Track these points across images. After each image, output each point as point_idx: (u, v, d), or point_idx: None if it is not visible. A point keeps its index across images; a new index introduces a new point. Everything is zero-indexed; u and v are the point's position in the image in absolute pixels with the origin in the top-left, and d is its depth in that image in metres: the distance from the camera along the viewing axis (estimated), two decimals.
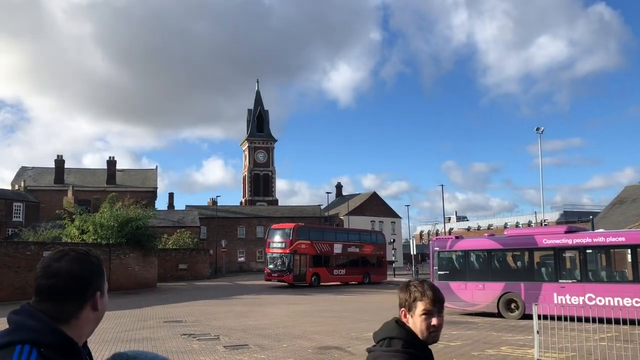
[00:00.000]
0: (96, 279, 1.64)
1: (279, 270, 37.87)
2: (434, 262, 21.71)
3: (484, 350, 12.88)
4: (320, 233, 42.23)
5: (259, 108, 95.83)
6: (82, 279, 1.60)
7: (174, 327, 17.97)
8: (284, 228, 40.14)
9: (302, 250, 38.38)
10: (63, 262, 1.59)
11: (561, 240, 18.62)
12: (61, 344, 1.51)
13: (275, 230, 40.44)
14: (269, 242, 39.70)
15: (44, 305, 1.56)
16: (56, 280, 1.56)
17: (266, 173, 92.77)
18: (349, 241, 43.00)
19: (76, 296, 1.58)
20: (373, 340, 2.41)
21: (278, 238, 38.98)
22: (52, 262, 1.60)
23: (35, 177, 70.60)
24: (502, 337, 14.99)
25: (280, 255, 38.06)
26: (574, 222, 55.67)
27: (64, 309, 1.56)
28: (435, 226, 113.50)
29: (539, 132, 42.95)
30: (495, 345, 13.72)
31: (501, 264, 20.62)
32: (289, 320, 19.64)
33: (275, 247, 38.76)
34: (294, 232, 38.48)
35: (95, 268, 1.65)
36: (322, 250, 40.11)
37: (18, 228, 53.66)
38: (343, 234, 45.20)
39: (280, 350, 13.16)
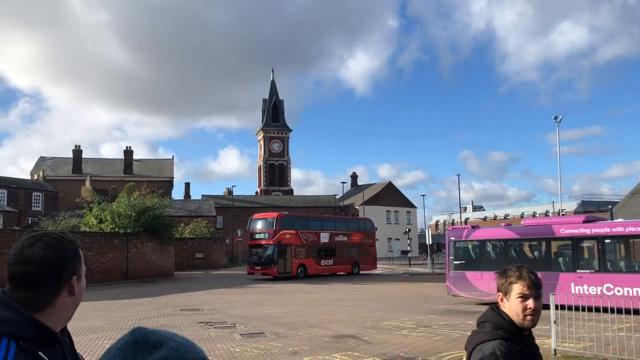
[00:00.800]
0: (72, 264, 1.59)
1: (262, 262, 35.82)
2: (450, 251, 21.63)
3: None
4: (305, 222, 40.07)
5: (274, 98, 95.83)
6: (57, 265, 1.55)
7: (191, 315, 18.17)
8: (267, 217, 38.12)
9: (287, 240, 36.31)
10: (36, 247, 1.54)
11: (579, 230, 18.42)
12: (39, 335, 1.48)
13: (257, 220, 38.30)
14: (251, 233, 37.72)
15: (18, 293, 1.51)
16: (29, 267, 1.52)
17: (281, 163, 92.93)
18: (337, 230, 41.04)
19: (51, 283, 1.54)
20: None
21: (261, 228, 37.07)
22: (25, 248, 1.55)
23: (53, 167, 71.50)
24: None
25: (264, 246, 36.02)
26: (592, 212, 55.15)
27: (38, 297, 1.52)
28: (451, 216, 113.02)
29: (557, 120, 42.40)
30: None
31: (518, 253, 20.49)
32: (304, 308, 19.75)
33: (258, 237, 36.75)
34: (277, 221, 36.37)
35: (70, 253, 1.59)
36: (308, 240, 38.11)
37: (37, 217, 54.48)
38: (330, 222, 42.71)
39: (296, 339, 13.24)
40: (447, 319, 16.78)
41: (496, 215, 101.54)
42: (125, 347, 0.98)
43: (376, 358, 10.82)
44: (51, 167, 71.33)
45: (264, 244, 35.84)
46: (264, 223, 37.07)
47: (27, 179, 67.81)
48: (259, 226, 37.24)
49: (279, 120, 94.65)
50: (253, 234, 37.34)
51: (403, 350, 11.60)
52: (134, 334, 1.01)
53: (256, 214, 40.54)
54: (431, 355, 11.07)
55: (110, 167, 73.87)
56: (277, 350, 11.77)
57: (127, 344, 0.99)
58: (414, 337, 13.30)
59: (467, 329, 14.41)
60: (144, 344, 0.98)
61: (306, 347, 12.10)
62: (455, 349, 11.64)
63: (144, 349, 0.97)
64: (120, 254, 35.17)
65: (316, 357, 11.03)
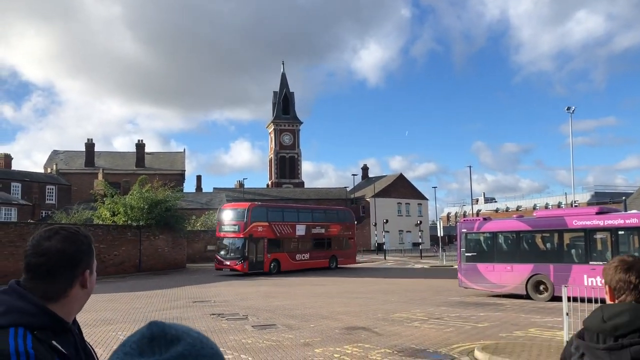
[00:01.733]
0: (86, 258, 1.64)
1: (231, 257, 32.95)
2: (461, 243, 21.57)
3: (512, 332, 12.81)
4: (279, 213, 36.93)
5: (284, 90, 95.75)
6: (72, 258, 1.60)
7: (203, 307, 18.30)
8: (237, 208, 35.03)
9: (259, 233, 33.40)
10: (53, 240, 1.59)
11: (592, 222, 18.27)
12: (53, 325, 1.53)
13: (226, 210, 35.13)
14: (220, 225, 34.62)
15: (34, 284, 1.57)
16: (46, 259, 1.57)
17: (292, 155, 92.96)
18: (314, 221, 38.16)
19: (66, 275, 1.59)
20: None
21: (230, 220, 33.92)
22: (42, 240, 1.60)
23: (66, 161, 72.08)
24: (531, 319, 14.87)
25: (233, 240, 33.06)
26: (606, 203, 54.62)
27: (53, 288, 1.58)
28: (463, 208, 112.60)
29: (569, 111, 41.97)
30: (524, 327, 13.62)
31: (530, 245, 20.38)
32: (315, 300, 19.81)
33: (227, 230, 33.69)
34: (248, 212, 33.32)
35: (85, 247, 1.65)
36: (282, 232, 35.35)
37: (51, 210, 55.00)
38: (307, 213, 39.41)
39: (307, 330, 13.30)
40: (458, 311, 16.76)
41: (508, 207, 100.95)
42: (142, 341, 0.98)
43: (387, 350, 10.84)
44: (64, 161, 71.91)
45: (234, 237, 33.05)
46: (234, 214, 34.12)
47: (41, 173, 68.44)
48: (229, 217, 34.22)
49: (289, 112, 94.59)
50: (222, 225, 34.37)
51: (414, 342, 11.61)
52: (151, 328, 1.00)
53: (226, 204, 38.06)
54: (442, 347, 11.07)
55: (122, 160, 74.34)
56: (288, 342, 11.82)
57: (143, 338, 0.98)
58: (425, 329, 13.30)
59: (479, 321, 14.41)
60: (161, 338, 0.97)
61: (317, 339, 12.15)
62: (466, 341, 11.64)
63: (161, 344, 0.96)
64: (132, 246, 35.47)
65: (327, 348, 11.07)
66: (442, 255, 46.92)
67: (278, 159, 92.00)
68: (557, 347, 10.51)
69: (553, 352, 10.04)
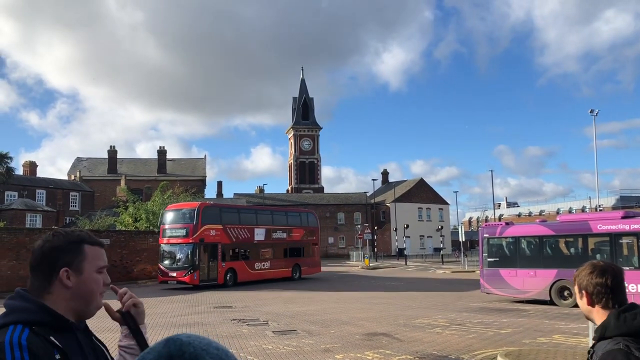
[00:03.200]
0: (63, 256, 1.70)
1: (178, 267, 27.72)
2: (483, 248, 21.33)
3: (536, 338, 12.60)
4: (235, 215, 31.78)
5: (304, 96, 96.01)
6: (47, 255, 1.69)
7: (224, 312, 18.35)
8: (184, 208, 29.70)
9: (212, 238, 28.48)
10: (39, 240, 1.73)
11: (617, 226, 17.93)
12: (50, 320, 1.61)
13: (171, 212, 29.83)
14: (163, 229, 29.24)
15: (29, 282, 1.71)
16: (32, 257, 1.71)
17: (312, 161, 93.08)
18: (274, 224, 33.35)
19: (42, 271, 1.69)
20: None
21: (177, 223, 28.70)
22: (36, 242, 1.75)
23: (89, 168, 73.17)
24: (555, 325, 14.63)
25: (180, 246, 27.91)
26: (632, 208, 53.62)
27: (34, 283, 1.70)
28: (485, 212, 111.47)
29: (593, 114, 41.35)
30: (548, 333, 13.40)
31: (553, 250, 20.07)
32: (336, 306, 19.74)
33: (173, 235, 28.46)
34: (199, 213, 28.28)
35: (64, 245, 1.71)
36: (238, 237, 30.37)
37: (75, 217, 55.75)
38: (266, 215, 34.47)
39: (327, 336, 13.25)
40: (480, 317, 16.55)
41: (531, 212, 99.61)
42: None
43: (408, 356, 10.74)
44: (87, 168, 73.01)
45: (181, 243, 27.92)
46: (181, 216, 28.94)
47: (65, 180, 69.56)
48: (175, 220, 29.00)
49: (309, 118, 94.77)
50: (166, 230, 29.01)
51: (436, 349, 11.49)
52: (168, 346, 0.95)
53: (171, 205, 32.59)
54: (465, 354, 10.93)
55: (144, 167, 75.19)
56: (309, 348, 11.79)
57: (159, 357, 0.94)
58: (447, 335, 13.15)
59: (501, 327, 14.21)
60: (179, 358, 0.93)
61: (338, 345, 12.09)
62: (489, 347, 11.47)
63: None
64: (154, 251, 35.76)
65: (348, 354, 11.01)
66: (463, 260, 46.47)
67: (298, 164, 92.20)
68: (582, 354, 10.30)
69: (578, 359, 9.84)
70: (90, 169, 72.83)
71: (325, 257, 72.57)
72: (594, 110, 41.33)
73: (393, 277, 36.75)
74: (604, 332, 2.18)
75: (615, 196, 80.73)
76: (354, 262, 58.30)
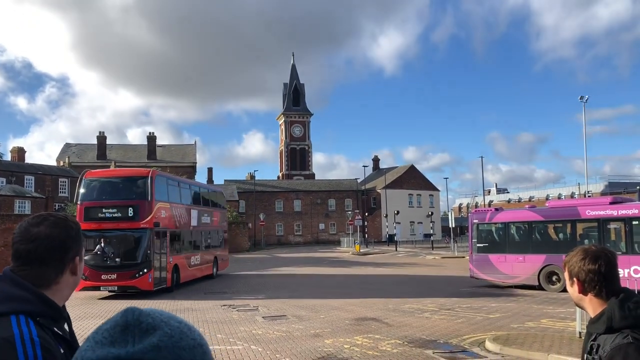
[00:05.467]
0: (75, 244, 1.63)
1: (120, 265, 18.97)
2: (472, 234, 21.43)
3: (524, 323, 12.71)
4: (177, 189, 23.06)
5: (294, 82, 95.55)
6: (63, 243, 1.59)
7: (214, 298, 18.36)
8: (131, 176, 21.53)
9: (163, 222, 20.26)
10: (42, 227, 1.58)
11: (605, 212, 18.05)
12: (51, 313, 1.53)
13: (107, 181, 21.05)
14: (89, 208, 19.55)
15: (24, 271, 1.55)
16: (35, 245, 1.55)
17: (302, 147, 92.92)
18: (202, 205, 26.07)
19: (56, 261, 1.58)
20: None
21: (118, 198, 20.00)
22: (31, 226, 1.58)
23: (78, 154, 72.58)
24: (543, 310, 14.75)
25: (125, 234, 19.37)
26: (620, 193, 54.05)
27: (44, 274, 1.56)
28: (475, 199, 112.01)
29: (583, 100, 41.49)
30: (536, 317, 13.51)
31: (542, 236, 20.20)
32: (326, 292, 19.79)
33: (113, 217, 19.38)
34: (152, 184, 19.77)
35: (74, 233, 1.64)
36: (180, 221, 22.46)
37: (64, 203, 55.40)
38: (196, 190, 26.85)
39: (317, 321, 13.28)
40: (469, 301, 16.66)
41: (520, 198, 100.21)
42: (114, 330, 0.88)
43: (397, 341, 10.79)
44: (76, 154, 72.42)
45: (126, 230, 19.28)
46: (125, 188, 20.51)
47: (54, 166, 68.97)
48: (113, 194, 20.32)
49: (299, 104, 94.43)
50: (95, 210, 19.55)
51: (425, 333, 11.55)
52: (126, 315, 0.90)
53: (100, 171, 24.09)
54: (453, 338, 11.00)
55: (134, 153, 74.70)
56: (298, 333, 11.82)
57: (116, 326, 0.88)
58: (436, 320, 13.23)
59: (490, 312, 14.31)
60: (135, 327, 0.87)
61: (327, 330, 12.13)
62: (477, 332, 11.56)
63: (135, 333, 0.87)
64: None
65: (337, 339, 11.04)
66: (453, 246, 46.74)
67: (288, 150, 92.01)
68: (569, 337, 10.40)
69: (565, 342, 9.93)
70: (80, 155, 72.23)
71: (316, 244, 72.79)
72: (584, 97, 41.46)
73: (383, 262, 36.90)
74: (610, 324, 2.03)
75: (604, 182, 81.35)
76: (344, 248, 58.46)
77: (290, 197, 77.57)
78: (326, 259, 40.90)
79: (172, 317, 0.92)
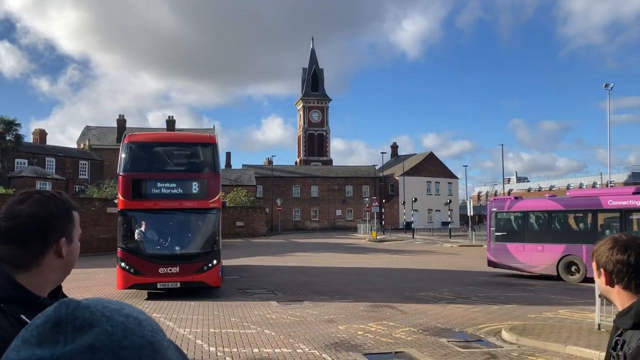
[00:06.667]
0: (61, 224, 1.52)
1: (185, 256, 15.04)
2: (491, 222, 21.17)
3: (541, 313, 12.51)
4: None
5: (313, 67, 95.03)
6: (44, 222, 1.49)
7: (231, 282, 18.40)
8: (193, 143, 17.52)
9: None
10: (25, 204, 1.49)
11: (628, 202, 17.67)
12: (20, 298, 1.41)
13: (164, 148, 16.85)
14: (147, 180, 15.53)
15: (3, 250, 1.46)
16: (16, 223, 1.47)
17: (320, 133, 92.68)
18: None
19: (37, 240, 1.48)
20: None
21: (181, 170, 16.51)
22: (15, 204, 1.50)
23: (98, 137, 73.27)
24: (561, 300, 14.52)
25: (189, 216, 15.61)
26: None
27: (23, 254, 1.47)
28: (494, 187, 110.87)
29: (608, 88, 40.63)
30: (553, 308, 13.30)
31: (562, 225, 19.87)
32: (342, 278, 19.74)
33: (174, 194, 15.34)
34: (216, 153, 16.35)
35: (60, 212, 1.52)
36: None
37: (84, 185, 56.15)
38: None
39: (332, 307, 13.23)
40: (486, 290, 16.48)
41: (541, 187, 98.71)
42: (44, 326, 0.74)
43: (412, 328, 10.69)
44: (96, 137, 73.12)
45: (191, 210, 15.45)
46: (188, 156, 17.14)
47: (74, 148, 69.77)
48: (174, 162, 16.81)
49: (318, 89, 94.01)
50: (155, 182, 15.38)
51: (440, 321, 11.43)
52: (59, 309, 0.75)
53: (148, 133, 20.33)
54: (469, 327, 10.87)
55: None
56: (312, 318, 11.78)
57: (47, 322, 0.74)
58: (452, 309, 13.10)
59: (507, 302, 14.13)
60: (68, 324, 0.73)
61: (342, 316, 12.07)
62: (494, 321, 11.41)
63: (67, 331, 0.72)
64: None
65: (351, 325, 10.98)
66: (471, 234, 46.37)
67: (306, 136, 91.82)
68: (588, 329, 10.20)
69: (584, 334, 9.74)
70: (100, 138, 72.92)
71: (332, 230, 72.82)
72: (609, 85, 40.59)
73: (399, 249, 36.76)
74: (639, 319, 1.88)
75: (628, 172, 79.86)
76: (361, 234, 58.40)
77: (307, 183, 77.60)
78: (342, 245, 40.85)
79: (118, 310, 0.73)
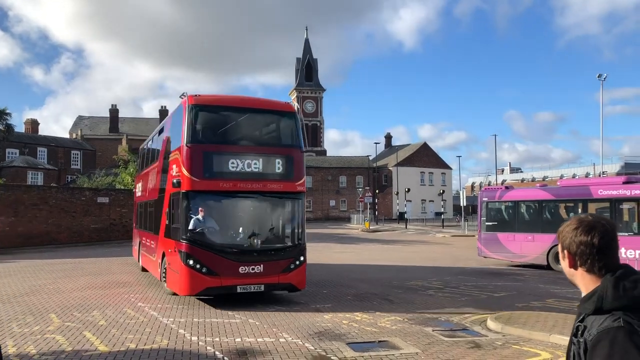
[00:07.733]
0: None
1: (270, 251, 11.95)
2: (482, 212, 21.12)
3: (529, 302, 12.46)
4: None
5: (307, 56, 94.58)
6: None
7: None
8: (274, 110, 13.20)
9: None
10: None
11: (618, 192, 17.62)
12: None
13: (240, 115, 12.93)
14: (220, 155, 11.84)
15: None
16: None
17: (314, 123, 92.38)
18: None
19: None
20: None
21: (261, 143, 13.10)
22: None
23: (91, 126, 72.86)
24: (550, 290, 14.49)
25: (275, 201, 12.42)
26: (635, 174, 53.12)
27: None
28: (488, 177, 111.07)
29: (600, 79, 40.52)
30: (542, 297, 13.25)
31: (553, 215, 19.84)
32: (332, 267, 19.67)
33: (255, 173, 11.85)
34: (298, 122, 13.30)
35: None
36: None
37: (76, 175, 55.79)
38: None
39: (319, 296, 13.14)
40: (475, 280, 16.44)
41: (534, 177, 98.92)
42: None
43: (397, 317, 10.60)
44: (89, 127, 72.71)
45: (276, 194, 12.28)
46: (269, 126, 13.72)
47: (67, 138, 69.34)
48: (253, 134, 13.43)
49: (312, 79, 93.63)
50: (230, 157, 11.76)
51: (427, 311, 11.35)
52: None
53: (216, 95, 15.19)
54: (455, 316, 10.80)
55: (146, 127, 74.74)
56: (298, 307, 11.68)
57: None
58: (440, 298, 13.03)
59: (495, 291, 14.08)
60: None
61: (329, 305, 11.98)
62: (480, 311, 11.34)
63: None
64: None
65: (337, 314, 10.88)
66: (464, 224, 46.43)
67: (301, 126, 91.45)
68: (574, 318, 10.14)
69: (569, 323, 9.68)
70: (92, 128, 72.51)
71: (326, 220, 72.79)
72: (602, 75, 40.50)
73: (391, 239, 36.74)
74: (600, 304, 1.79)
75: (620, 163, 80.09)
76: (354, 224, 58.38)
77: None
78: (334, 235, 40.80)
79: None
